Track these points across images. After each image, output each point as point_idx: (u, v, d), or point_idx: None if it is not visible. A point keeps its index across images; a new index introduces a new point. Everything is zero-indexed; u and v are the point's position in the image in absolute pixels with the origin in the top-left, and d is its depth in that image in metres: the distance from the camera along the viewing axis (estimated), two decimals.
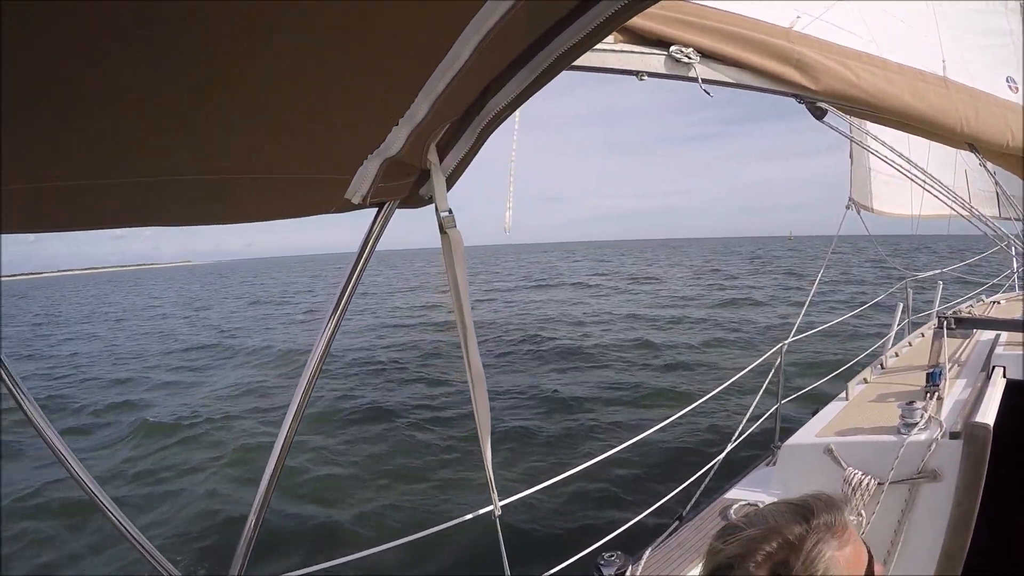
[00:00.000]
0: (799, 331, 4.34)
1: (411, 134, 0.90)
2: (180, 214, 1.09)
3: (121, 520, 1.20)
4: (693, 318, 17.35)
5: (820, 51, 2.42)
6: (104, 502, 1.18)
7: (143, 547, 1.23)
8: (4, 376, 1.09)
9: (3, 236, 1.01)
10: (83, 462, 1.15)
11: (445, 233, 1.06)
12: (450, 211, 1.04)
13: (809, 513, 0.82)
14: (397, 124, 0.88)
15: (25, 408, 1.12)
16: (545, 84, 0.84)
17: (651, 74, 1.77)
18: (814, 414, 3.23)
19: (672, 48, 1.82)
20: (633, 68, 1.74)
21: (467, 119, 0.94)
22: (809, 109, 2.46)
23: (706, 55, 1.93)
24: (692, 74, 1.85)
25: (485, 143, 1.00)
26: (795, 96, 2.38)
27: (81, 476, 1.16)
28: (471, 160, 1.03)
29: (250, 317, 26.48)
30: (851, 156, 5.44)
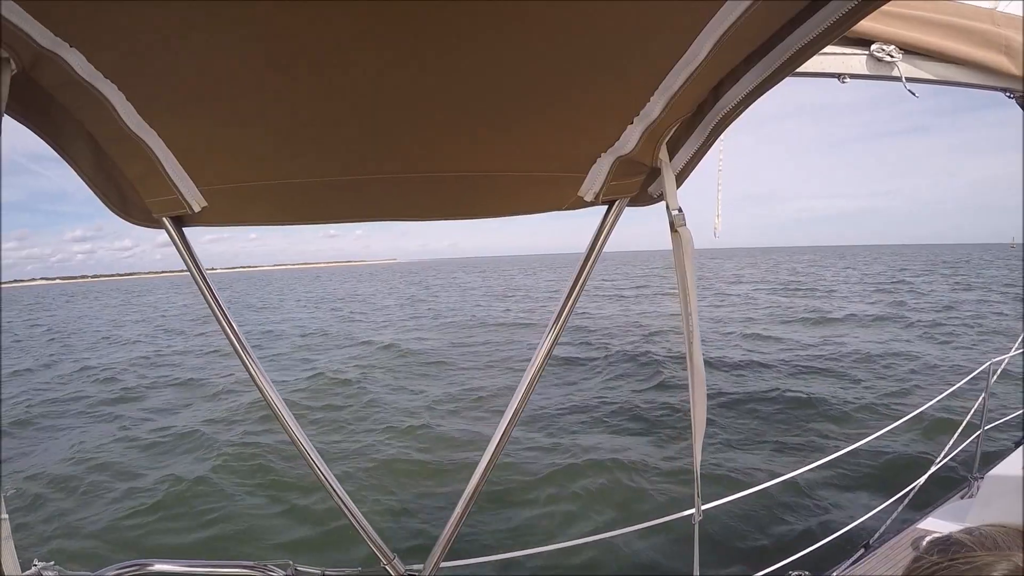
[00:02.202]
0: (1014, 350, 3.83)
1: (644, 132, 0.92)
2: (423, 210, 1.16)
3: (346, 504, 1.29)
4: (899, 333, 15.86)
5: None
6: (330, 482, 1.27)
7: (362, 528, 1.31)
8: (246, 361, 1.19)
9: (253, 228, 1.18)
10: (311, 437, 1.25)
11: (676, 231, 1.04)
12: (680, 209, 1.03)
13: None
14: (632, 122, 0.90)
15: (262, 388, 1.21)
16: (778, 81, 0.82)
17: (853, 76, 1.71)
18: (1018, 444, 2.94)
19: (873, 47, 1.75)
20: (834, 71, 1.70)
21: (698, 116, 0.94)
22: (1020, 104, 2.23)
23: (908, 51, 1.83)
24: (895, 73, 1.77)
25: (716, 141, 0.98)
26: (1004, 90, 2.17)
27: (313, 458, 1.26)
28: (701, 158, 1.02)
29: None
30: None
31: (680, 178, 1.05)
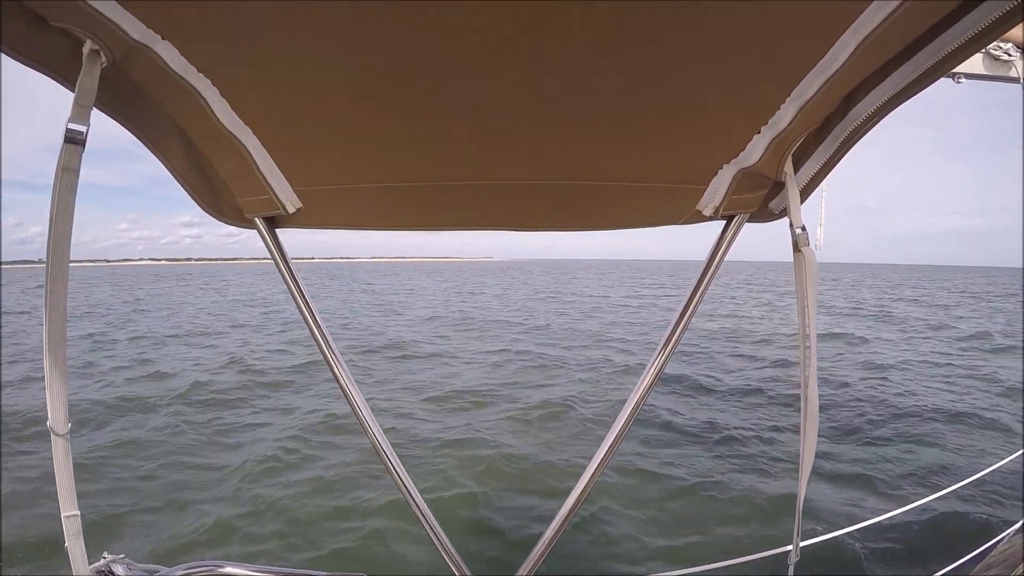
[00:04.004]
0: None
1: (772, 142, 0.86)
2: (527, 220, 1.11)
3: (426, 516, 1.24)
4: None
5: None
6: (412, 495, 1.23)
7: (442, 543, 1.26)
8: (333, 366, 1.16)
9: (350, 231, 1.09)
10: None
11: (799, 251, 0.96)
12: (804, 228, 0.96)
13: None
14: (759, 132, 0.85)
15: (347, 393, 1.18)
16: (916, 92, 0.75)
17: (968, 75, 1.75)
18: None
19: (989, 45, 1.78)
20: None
21: (826, 129, 0.87)
22: None
23: None
24: (1013, 73, 1.79)
25: (845, 155, 0.91)
26: None
27: (396, 469, 1.22)
28: (828, 172, 0.95)
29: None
30: None
31: (804, 194, 0.98)
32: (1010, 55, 1.80)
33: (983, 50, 1.82)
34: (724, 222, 1.07)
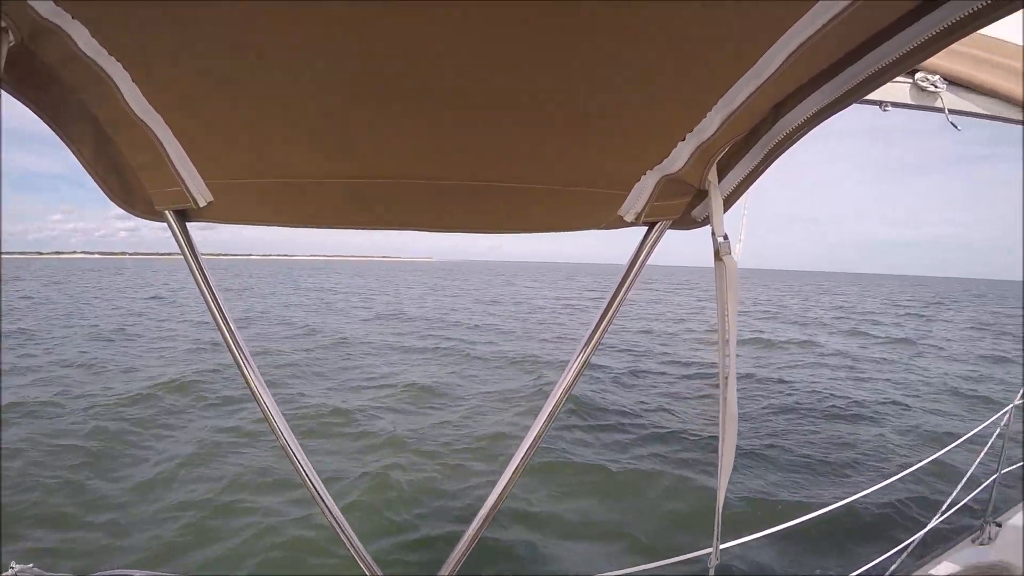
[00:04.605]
0: None
1: (696, 151, 0.86)
2: (448, 222, 1.07)
3: (336, 518, 1.22)
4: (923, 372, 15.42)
5: None
6: (322, 496, 1.21)
7: (352, 544, 1.24)
8: (243, 367, 1.13)
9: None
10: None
11: (720, 260, 0.97)
12: (726, 236, 0.97)
13: None
14: (684, 139, 0.84)
15: (258, 397, 1.15)
16: (839, 110, 0.75)
17: (895, 104, 1.72)
18: None
19: (918, 76, 1.75)
20: (876, 98, 1.71)
21: (752, 138, 0.87)
22: None
23: (953, 82, 1.83)
24: (939, 104, 1.77)
25: (770, 166, 0.90)
26: None
27: (305, 469, 1.20)
28: (752, 182, 0.95)
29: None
30: None
31: (728, 202, 0.99)
32: (936, 87, 1.79)
33: (912, 80, 1.82)
34: (646, 228, 1.07)
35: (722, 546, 1.70)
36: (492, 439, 8.40)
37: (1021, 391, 3.61)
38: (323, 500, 1.21)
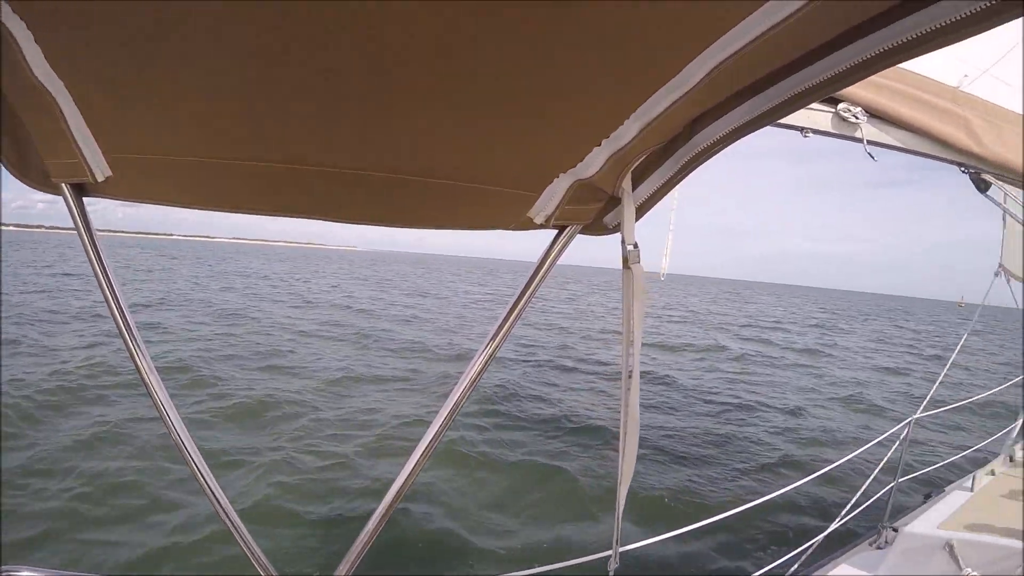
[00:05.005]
0: (929, 407, 3.99)
1: (610, 157, 0.85)
2: (357, 212, 1.05)
3: (228, 513, 1.18)
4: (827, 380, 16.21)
5: (986, 115, 2.26)
6: (216, 493, 1.17)
7: (247, 545, 1.21)
8: (135, 355, 1.09)
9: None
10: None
11: (628, 268, 0.98)
12: (636, 245, 0.97)
13: None
14: (599, 145, 0.82)
15: (151, 388, 1.11)
16: (762, 126, 0.76)
17: (816, 131, 1.71)
18: (927, 497, 3.06)
19: (840, 106, 1.76)
20: (798, 124, 1.69)
21: (669, 150, 0.87)
22: (973, 180, 2.30)
23: (873, 115, 1.85)
24: (858, 134, 1.78)
25: (685, 178, 0.92)
26: (960, 164, 2.23)
27: (199, 466, 1.15)
28: (666, 193, 0.96)
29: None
30: (1003, 219, 4.98)
31: (640, 211, 0.99)
32: (857, 118, 1.80)
33: (834, 110, 1.83)
34: (556, 232, 1.06)
35: (622, 548, 1.70)
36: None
37: (923, 405, 3.84)
38: (215, 496, 1.17)
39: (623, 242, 0.98)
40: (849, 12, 0.59)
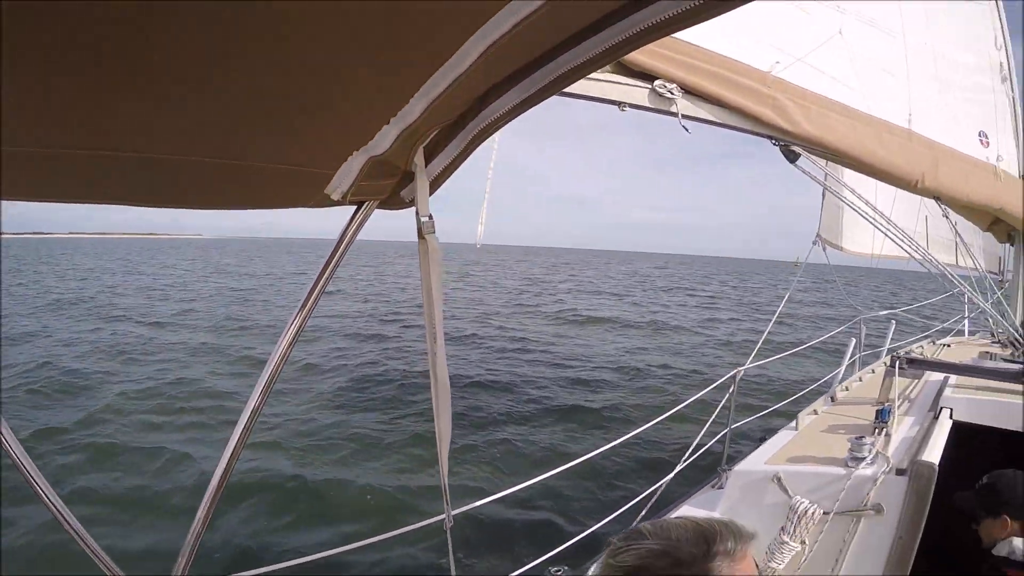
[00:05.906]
0: (756, 358, 4.44)
1: (400, 134, 0.88)
2: (143, 195, 1.02)
3: (64, 514, 1.13)
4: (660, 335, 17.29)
5: (793, 96, 2.54)
6: (46, 494, 1.11)
7: (86, 544, 1.16)
8: None
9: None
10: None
11: (423, 239, 1.05)
12: (431, 216, 1.04)
13: (712, 538, 0.83)
14: (388, 123, 0.86)
15: None
16: (543, 99, 0.83)
17: (633, 106, 1.83)
18: (762, 441, 3.31)
19: (656, 82, 1.89)
20: (616, 98, 1.80)
21: (459, 125, 0.92)
22: (783, 152, 2.58)
23: (688, 91, 2.01)
24: (673, 109, 1.93)
25: (474, 151, 0.99)
26: (770, 138, 2.49)
27: (28, 469, 1.08)
28: (457, 167, 1.02)
29: None
30: (823, 194, 5.62)
31: (434, 185, 1.04)
32: (672, 94, 1.94)
33: (651, 86, 1.97)
34: (354, 208, 1.10)
35: (456, 511, 1.75)
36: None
37: (751, 357, 4.25)
38: (49, 499, 1.10)
39: (417, 214, 1.03)
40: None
